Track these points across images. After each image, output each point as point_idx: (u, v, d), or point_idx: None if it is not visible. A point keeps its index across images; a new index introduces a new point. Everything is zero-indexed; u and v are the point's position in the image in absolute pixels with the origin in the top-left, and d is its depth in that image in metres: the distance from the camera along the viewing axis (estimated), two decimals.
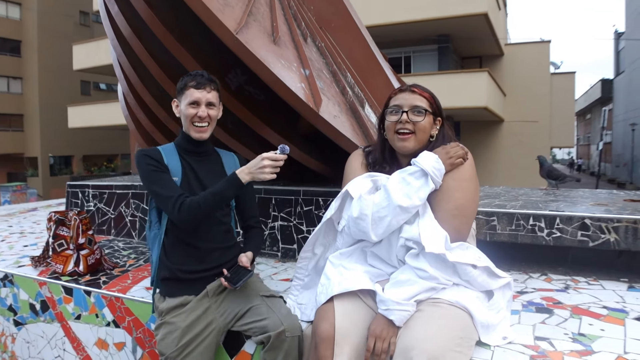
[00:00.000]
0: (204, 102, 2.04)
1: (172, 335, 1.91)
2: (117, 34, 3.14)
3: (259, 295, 1.99)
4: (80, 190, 4.01)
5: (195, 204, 1.90)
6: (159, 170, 2.00)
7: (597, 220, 2.41)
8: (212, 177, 2.09)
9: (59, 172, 30.46)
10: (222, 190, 1.92)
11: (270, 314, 1.89)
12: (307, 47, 3.07)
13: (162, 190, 1.95)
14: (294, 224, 2.96)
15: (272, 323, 1.84)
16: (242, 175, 1.90)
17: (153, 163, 2.00)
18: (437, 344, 1.49)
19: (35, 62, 29.14)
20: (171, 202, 1.91)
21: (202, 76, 2.05)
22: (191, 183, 2.06)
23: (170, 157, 2.07)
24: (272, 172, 1.88)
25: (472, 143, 17.88)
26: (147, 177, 1.99)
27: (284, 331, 1.80)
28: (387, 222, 1.72)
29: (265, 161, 1.87)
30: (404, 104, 1.87)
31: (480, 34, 15.86)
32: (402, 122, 1.86)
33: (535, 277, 2.48)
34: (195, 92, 2.03)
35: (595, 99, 38.17)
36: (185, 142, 2.12)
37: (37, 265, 2.95)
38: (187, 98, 2.03)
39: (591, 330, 1.81)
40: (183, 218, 1.90)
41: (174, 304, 1.98)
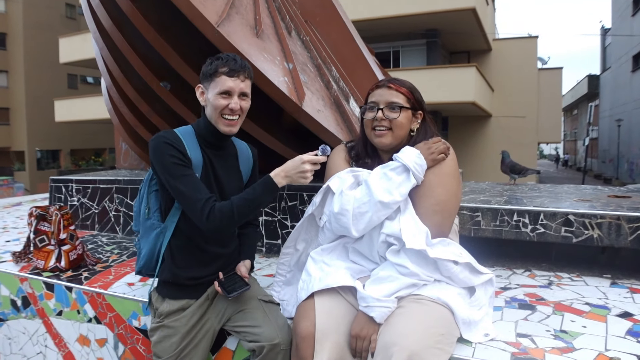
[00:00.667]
0: (236, 92, 1.82)
1: (171, 340, 1.85)
2: (99, 26, 3.09)
3: (256, 298, 1.93)
4: (64, 184, 3.96)
5: (227, 211, 1.73)
6: (183, 165, 1.78)
7: (581, 217, 2.41)
8: (228, 174, 1.97)
9: (46, 166, 30.17)
10: (257, 197, 1.75)
11: (265, 322, 1.83)
12: (291, 41, 3.04)
13: (188, 190, 1.74)
14: (279, 219, 2.94)
15: (267, 333, 1.78)
16: (278, 179, 1.74)
17: (177, 155, 1.77)
18: (418, 340, 1.48)
19: (21, 55, 28.76)
20: (199, 206, 1.72)
21: (235, 61, 1.82)
22: (210, 180, 1.89)
23: (192, 148, 1.85)
24: (312, 175, 1.75)
25: (460, 138, 17.98)
26: (168, 170, 1.76)
27: (279, 344, 1.76)
28: (368, 217, 1.70)
29: (306, 165, 1.72)
30: (380, 100, 1.85)
31: (469, 29, 15.92)
32: (378, 120, 1.84)
33: (519, 273, 2.48)
34: (227, 80, 1.79)
35: (582, 94, 38.44)
36: (209, 134, 1.90)
37: (18, 261, 2.91)
38: (218, 86, 1.80)
39: (573, 327, 1.81)
40: (213, 225, 1.73)
41: (175, 308, 1.90)
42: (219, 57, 1.84)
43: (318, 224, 1.93)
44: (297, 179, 1.75)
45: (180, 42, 2.64)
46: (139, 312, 2.28)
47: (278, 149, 2.76)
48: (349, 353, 1.65)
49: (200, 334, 1.91)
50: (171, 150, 1.77)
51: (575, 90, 42.47)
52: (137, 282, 2.50)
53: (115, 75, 3.21)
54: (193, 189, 1.75)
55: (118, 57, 3.09)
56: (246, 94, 1.87)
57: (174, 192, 1.80)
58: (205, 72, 1.84)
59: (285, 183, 1.76)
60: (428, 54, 16.81)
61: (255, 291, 1.98)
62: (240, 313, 1.91)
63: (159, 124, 3.17)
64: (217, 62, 1.82)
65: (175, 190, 1.78)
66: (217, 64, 1.82)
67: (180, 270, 1.91)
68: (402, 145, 1.85)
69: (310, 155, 1.75)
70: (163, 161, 1.77)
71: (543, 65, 23.83)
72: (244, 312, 1.91)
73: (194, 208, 1.74)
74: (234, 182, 2.00)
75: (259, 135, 2.77)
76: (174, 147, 1.78)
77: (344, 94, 3.11)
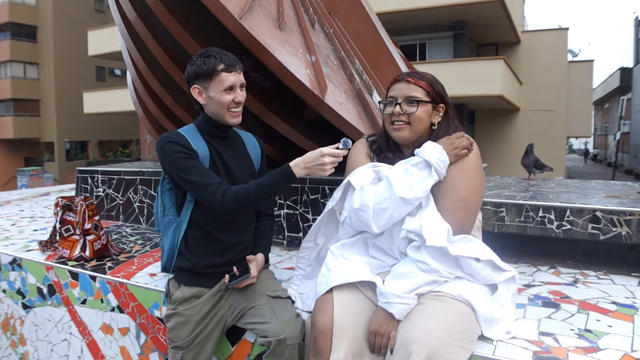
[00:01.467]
0: (238, 85, 1.89)
1: (185, 327, 1.89)
2: (124, 19, 3.12)
3: (265, 294, 1.94)
4: (90, 175, 4.02)
5: (243, 193, 1.77)
6: (189, 157, 1.84)
7: (609, 213, 2.35)
8: (237, 162, 2.00)
9: (74, 157, 30.77)
10: (273, 184, 1.77)
11: (272, 318, 1.84)
12: (315, 33, 3.02)
13: (199, 178, 1.80)
14: (300, 212, 2.94)
15: (273, 328, 1.79)
16: (297, 169, 1.74)
17: (181, 150, 1.83)
18: (438, 338, 1.46)
19: (51, 47, 29.32)
20: (212, 189, 1.77)
21: (227, 56, 1.86)
22: (218, 169, 1.93)
23: (197, 142, 1.91)
24: (332, 168, 1.75)
25: (487, 132, 17.73)
26: (177, 166, 1.83)
27: (285, 339, 1.76)
28: (388, 213, 1.68)
29: (326, 158, 1.71)
30: (399, 94, 1.82)
31: (497, 21, 15.64)
32: (396, 114, 1.81)
33: (544, 270, 2.43)
34: (228, 76, 1.85)
35: (614, 87, 37.50)
36: (211, 128, 1.96)
37: (44, 250, 2.97)
38: (221, 84, 1.85)
39: (598, 326, 1.76)
40: (228, 206, 1.77)
41: (189, 295, 1.94)
42: (209, 55, 1.86)
43: (338, 219, 1.92)
44: (316, 171, 1.74)
45: (203, 34, 2.65)
46: (160, 303, 2.30)
47: (300, 141, 2.75)
48: (367, 348, 1.64)
49: (213, 323, 1.94)
50: (176, 147, 1.84)
51: (606, 83, 41.48)
52: (159, 272, 2.52)
53: (140, 68, 3.23)
54: (204, 176, 1.80)
55: (143, 50, 3.12)
56: (244, 84, 1.93)
57: (186, 185, 1.85)
58: (200, 72, 1.85)
59: (304, 174, 1.76)
60: (455, 46, 16.57)
61: (265, 287, 1.99)
62: (252, 309, 1.93)
63: (182, 116, 3.19)
64: (212, 61, 1.84)
65: (187, 183, 1.83)
66: (212, 62, 1.84)
67: (195, 258, 1.95)
68: (423, 139, 1.82)
69: (331, 149, 1.74)
70: (170, 159, 1.84)
71: (573, 57, 23.33)
72: (254, 308, 1.92)
73: (208, 192, 1.79)
74: (245, 169, 2.04)
75: (280, 128, 2.76)
76: (178, 143, 1.85)
77: (367, 87, 3.08)
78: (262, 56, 2.36)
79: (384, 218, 1.69)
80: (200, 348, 1.92)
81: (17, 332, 2.98)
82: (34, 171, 19.67)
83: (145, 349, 2.38)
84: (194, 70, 1.87)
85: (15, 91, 29.54)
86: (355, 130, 2.56)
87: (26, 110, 30.23)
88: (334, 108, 2.46)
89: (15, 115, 29.90)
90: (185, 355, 1.90)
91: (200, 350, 1.92)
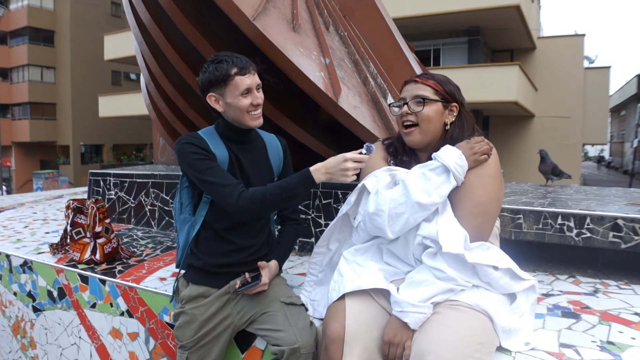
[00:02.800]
0: (254, 87, 1.85)
1: (190, 326, 1.88)
2: (138, 22, 3.11)
3: (278, 301, 1.90)
4: (102, 178, 4.02)
5: (260, 195, 1.74)
6: (207, 158, 1.81)
7: (631, 221, 2.28)
8: (256, 167, 1.97)
9: (89, 161, 31.07)
10: (292, 188, 1.74)
11: (286, 326, 1.79)
12: (329, 36, 2.98)
13: (216, 179, 1.77)
14: (312, 217, 2.90)
15: (287, 337, 1.75)
16: (318, 174, 1.70)
17: (199, 151, 1.81)
18: (455, 349, 1.40)
19: (67, 52, 29.68)
20: (228, 191, 1.75)
21: (239, 59, 1.82)
22: (236, 174, 1.90)
23: (216, 146, 1.88)
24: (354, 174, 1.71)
25: (502, 138, 17.58)
26: (194, 167, 1.80)
27: (299, 348, 1.72)
28: (404, 219, 1.63)
29: (349, 163, 1.68)
30: (407, 95, 1.80)
31: (512, 27, 15.52)
32: (405, 114, 1.79)
33: (563, 279, 2.36)
34: (244, 79, 1.81)
35: (631, 95, 36.97)
36: (231, 132, 1.93)
37: (55, 253, 2.96)
38: (237, 89, 1.81)
39: (621, 338, 1.70)
40: (244, 207, 1.74)
41: (196, 294, 1.93)
42: (220, 60, 1.82)
43: (352, 223, 1.87)
44: (338, 177, 1.71)
45: (217, 37, 2.63)
46: (170, 308, 2.27)
47: (312, 145, 2.72)
48: (379, 357, 1.59)
49: (221, 326, 1.91)
50: (193, 148, 1.82)
51: (623, 90, 40.93)
52: (169, 277, 2.49)
53: (153, 70, 3.22)
54: (220, 177, 1.78)
55: (156, 52, 3.11)
56: (260, 85, 1.89)
57: (203, 186, 1.83)
58: (214, 79, 1.82)
59: (325, 179, 1.72)
60: (470, 52, 16.48)
61: (279, 293, 1.95)
62: (264, 315, 1.89)
63: (195, 119, 3.17)
64: (223, 66, 1.81)
65: (204, 184, 1.81)
66: (225, 68, 1.80)
67: (204, 257, 1.94)
68: (437, 141, 1.78)
69: (354, 154, 1.70)
70: (188, 160, 1.82)
71: (590, 64, 23.07)
72: (267, 314, 1.88)
73: (224, 193, 1.76)
74: (264, 174, 2.00)
75: (293, 131, 2.73)
76: (195, 145, 1.83)
77: (381, 91, 3.04)
78: (275, 58, 2.33)
79: (399, 223, 1.64)
80: (206, 351, 1.90)
81: (27, 335, 2.97)
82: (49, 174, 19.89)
83: (154, 355, 2.35)
84: (207, 77, 1.84)
85: (33, 95, 29.94)
86: (369, 134, 2.51)
87: (43, 113, 30.60)
88: (348, 111, 2.42)
89: (32, 119, 30.28)
90: (191, 356, 1.89)
91: (206, 352, 1.90)
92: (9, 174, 31.14)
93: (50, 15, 30.30)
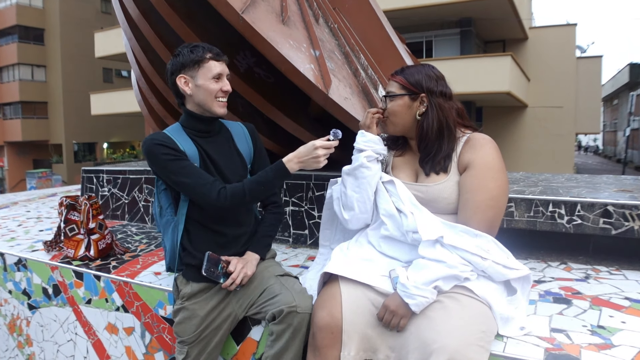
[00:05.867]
0: (225, 74, 1.90)
1: (191, 322, 1.90)
2: (127, 16, 3.09)
3: (274, 276, 1.94)
4: (95, 175, 4.01)
5: (239, 191, 1.79)
6: (178, 158, 1.82)
7: (621, 207, 2.30)
8: (225, 157, 1.98)
9: (83, 159, 30.95)
10: (267, 181, 1.80)
11: (283, 290, 1.83)
12: (319, 28, 2.98)
13: (191, 179, 1.80)
14: (306, 209, 2.90)
15: (285, 298, 1.78)
16: (291, 165, 1.77)
17: (169, 152, 1.82)
18: (460, 338, 1.42)
19: (58, 50, 29.50)
20: (206, 189, 1.78)
21: (214, 48, 1.90)
22: (208, 168, 1.93)
23: (184, 142, 1.90)
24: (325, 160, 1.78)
25: (495, 129, 17.63)
26: (166, 168, 1.82)
27: (296, 306, 1.74)
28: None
29: (319, 150, 1.75)
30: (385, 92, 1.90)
31: (504, 17, 15.53)
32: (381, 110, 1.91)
33: (554, 266, 2.38)
34: (216, 64, 1.87)
35: (623, 83, 37.11)
36: (196, 122, 1.94)
37: (49, 250, 2.95)
38: (209, 71, 1.85)
39: (611, 322, 1.72)
40: (225, 205, 1.79)
41: (197, 290, 1.94)
42: (195, 45, 1.89)
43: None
44: (310, 164, 1.77)
45: (206, 30, 2.62)
46: (165, 302, 2.28)
47: (304, 137, 2.72)
48: (379, 343, 1.61)
49: (220, 318, 1.93)
50: (163, 149, 1.82)
51: (615, 79, 41.09)
52: (163, 271, 2.50)
53: (144, 66, 3.21)
54: (195, 176, 1.81)
55: (146, 48, 3.09)
56: (229, 76, 1.95)
57: (178, 187, 1.87)
58: (189, 60, 1.86)
59: (298, 168, 1.79)
60: (462, 43, 16.48)
61: (272, 271, 1.98)
62: (263, 293, 1.91)
63: None
64: (199, 49, 1.86)
65: (179, 185, 1.84)
66: (200, 51, 1.86)
67: (200, 254, 1.93)
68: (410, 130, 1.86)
69: (322, 141, 1.77)
70: (159, 162, 1.84)
71: (582, 53, 23.18)
72: (265, 291, 1.90)
73: (202, 193, 1.80)
74: (235, 164, 2.02)
75: (285, 124, 2.73)
76: (165, 145, 1.84)
77: (372, 82, 3.04)
78: (265, 50, 2.33)
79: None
80: (206, 343, 1.92)
81: (23, 333, 2.97)
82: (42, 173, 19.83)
83: (151, 349, 2.36)
84: (180, 60, 1.87)
85: (23, 94, 29.76)
86: None
87: (34, 112, 30.43)
88: (339, 103, 2.42)
89: (23, 118, 30.10)
90: (191, 350, 1.90)
91: (206, 345, 1.92)
92: (2, 174, 31.02)
93: (40, 13, 30.07)
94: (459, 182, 1.75)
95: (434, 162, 1.79)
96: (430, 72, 1.84)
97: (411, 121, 1.84)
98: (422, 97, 1.81)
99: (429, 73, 1.84)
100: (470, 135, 1.81)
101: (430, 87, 1.81)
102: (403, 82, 1.83)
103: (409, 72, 1.85)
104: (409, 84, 1.82)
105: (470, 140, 1.78)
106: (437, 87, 1.82)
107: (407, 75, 1.83)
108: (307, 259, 2.64)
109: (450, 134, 1.79)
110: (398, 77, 1.85)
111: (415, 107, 1.83)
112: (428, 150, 1.81)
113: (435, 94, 1.81)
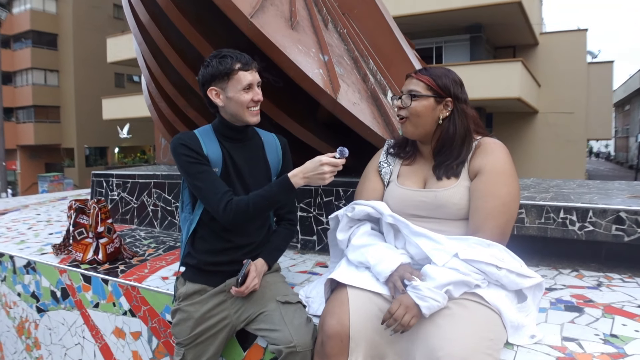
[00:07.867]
0: (255, 83, 1.87)
1: (186, 324, 1.90)
2: (137, 21, 3.11)
3: (274, 300, 1.90)
4: (105, 179, 4.03)
5: (243, 205, 1.78)
6: (198, 162, 1.84)
7: (634, 214, 2.26)
8: (251, 165, 1.97)
9: (94, 163, 31.18)
10: (272, 195, 1.79)
11: (282, 325, 1.79)
12: (328, 33, 2.98)
13: (205, 185, 1.82)
14: (314, 215, 2.89)
15: (283, 337, 1.75)
16: (296, 180, 1.75)
17: (191, 154, 1.84)
18: (467, 345, 1.39)
19: (71, 55, 29.79)
20: (215, 200, 1.79)
21: (243, 56, 1.86)
22: (230, 173, 1.92)
23: (210, 145, 1.90)
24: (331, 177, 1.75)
25: (505, 135, 17.51)
26: (186, 170, 1.85)
27: (295, 347, 1.72)
28: None
29: (325, 167, 1.71)
30: (404, 89, 1.83)
31: (514, 23, 15.45)
32: (397, 108, 1.83)
33: (566, 273, 2.35)
34: (247, 75, 1.84)
35: (635, 89, 36.84)
36: (227, 129, 1.94)
37: (58, 253, 2.96)
38: (239, 83, 1.83)
39: (624, 331, 1.69)
40: (229, 219, 1.79)
41: (192, 291, 1.94)
42: (224, 55, 1.85)
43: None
44: (315, 181, 1.75)
45: (215, 35, 2.62)
46: (172, 307, 2.27)
47: (313, 143, 2.71)
48: (387, 349, 1.58)
49: (218, 325, 1.92)
50: (186, 150, 1.85)
51: (627, 84, 40.75)
52: (170, 276, 2.49)
53: (153, 70, 3.22)
54: (210, 184, 1.82)
55: (156, 52, 3.11)
56: (260, 83, 1.91)
57: (193, 189, 1.90)
58: (217, 73, 1.83)
59: (303, 184, 1.77)
60: (472, 49, 16.41)
61: (275, 291, 1.94)
62: (261, 315, 1.89)
63: (195, 118, 3.17)
64: (227, 60, 1.83)
65: (194, 187, 1.87)
66: (229, 62, 1.82)
67: (200, 255, 1.95)
68: (429, 134, 1.81)
69: (328, 157, 1.74)
70: (180, 162, 1.87)
71: (593, 59, 23.01)
72: (264, 314, 1.88)
73: (211, 202, 1.82)
74: (260, 172, 2.00)
75: (293, 129, 2.72)
76: (188, 147, 1.85)
77: (381, 87, 3.03)
78: (273, 55, 2.33)
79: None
80: (203, 348, 1.91)
81: (31, 335, 2.98)
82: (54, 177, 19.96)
83: (157, 354, 2.35)
84: (210, 72, 1.85)
85: (36, 98, 30.07)
86: (369, 131, 2.50)
87: (47, 116, 30.72)
88: (347, 108, 2.41)
89: (36, 122, 30.40)
90: (187, 353, 1.90)
91: (203, 350, 1.91)
92: (15, 177, 31.28)
93: (53, 18, 30.40)
94: (469, 187, 1.73)
95: (448, 167, 1.76)
96: (455, 77, 1.82)
97: (432, 124, 1.79)
98: (447, 101, 1.78)
99: (455, 78, 1.81)
100: (481, 140, 1.78)
101: (457, 92, 1.79)
102: (431, 82, 1.77)
103: (435, 73, 1.80)
104: (437, 86, 1.77)
105: (481, 145, 1.76)
106: (462, 94, 1.80)
107: (434, 77, 1.78)
108: (315, 265, 2.63)
109: (471, 140, 1.78)
110: (424, 77, 1.79)
111: (438, 111, 1.78)
112: (447, 156, 1.77)
113: (460, 100, 1.79)
